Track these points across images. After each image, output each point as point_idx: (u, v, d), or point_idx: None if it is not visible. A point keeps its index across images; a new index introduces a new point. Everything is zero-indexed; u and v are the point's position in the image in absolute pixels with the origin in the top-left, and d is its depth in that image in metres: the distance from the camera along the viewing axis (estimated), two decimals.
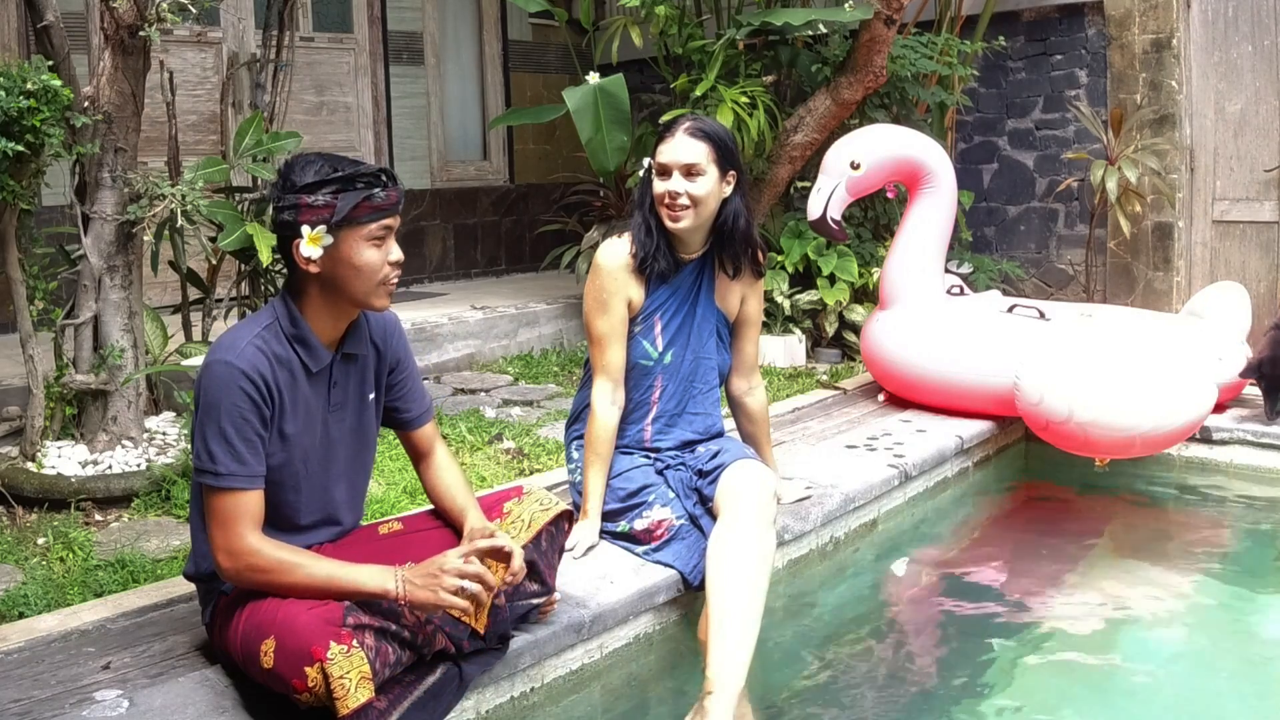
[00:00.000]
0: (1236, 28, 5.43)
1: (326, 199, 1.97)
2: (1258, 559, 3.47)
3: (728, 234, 2.78)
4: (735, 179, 2.74)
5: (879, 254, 5.42)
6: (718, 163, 2.69)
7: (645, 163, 2.78)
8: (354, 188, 1.98)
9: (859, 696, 2.56)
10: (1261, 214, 5.44)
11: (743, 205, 2.78)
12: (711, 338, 2.86)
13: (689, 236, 2.77)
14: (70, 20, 3.77)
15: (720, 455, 2.71)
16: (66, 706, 1.98)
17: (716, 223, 2.77)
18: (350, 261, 2.00)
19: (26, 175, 3.25)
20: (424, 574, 1.93)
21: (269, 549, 1.95)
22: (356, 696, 1.79)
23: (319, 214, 1.97)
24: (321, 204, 1.96)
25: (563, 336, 5.83)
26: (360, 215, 1.98)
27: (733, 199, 2.75)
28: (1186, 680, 2.68)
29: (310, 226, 1.97)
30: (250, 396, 1.96)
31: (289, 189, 1.98)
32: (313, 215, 1.97)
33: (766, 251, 2.95)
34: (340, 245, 1.99)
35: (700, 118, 2.75)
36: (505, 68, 7.58)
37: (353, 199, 1.97)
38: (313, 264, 1.99)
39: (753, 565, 2.43)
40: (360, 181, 1.98)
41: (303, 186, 1.97)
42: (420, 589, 1.92)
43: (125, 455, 3.46)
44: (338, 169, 1.99)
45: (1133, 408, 3.45)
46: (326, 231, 1.97)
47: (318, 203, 1.96)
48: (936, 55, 5.56)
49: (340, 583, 1.92)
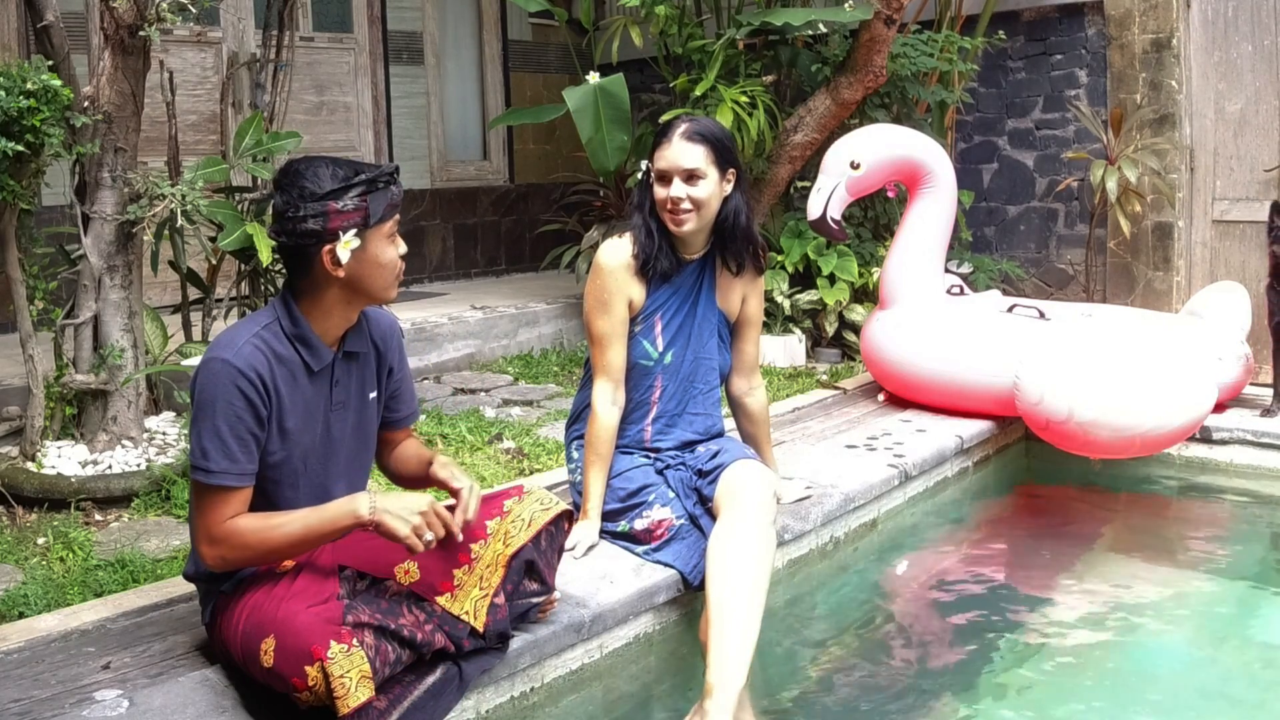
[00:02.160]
0: (1236, 28, 5.42)
1: (357, 202, 1.99)
2: (1258, 559, 3.47)
3: (729, 232, 2.78)
4: (735, 177, 2.74)
5: (879, 254, 5.42)
6: (717, 164, 2.69)
7: (643, 165, 2.78)
8: (379, 188, 2.01)
9: (859, 696, 2.57)
10: (1261, 214, 5.41)
11: (743, 202, 2.78)
12: (712, 338, 2.86)
13: (691, 237, 2.77)
14: (70, 20, 3.77)
15: (720, 455, 2.71)
16: (66, 706, 1.98)
17: (717, 221, 2.77)
18: (376, 260, 2.03)
19: (26, 175, 3.25)
20: (401, 505, 1.97)
21: (241, 521, 1.97)
22: (357, 695, 1.79)
23: (351, 218, 1.98)
24: (353, 208, 1.98)
25: (563, 336, 5.84)
26: (386, 214, 2.03)
27: (733, 196, 2.75)
28: (1187, 680, 2.68)
29: (344, 231, 1.98)
30: (246, 394, 1.96)
31: (310, 197, 1.97)
32: (344, 220, 1.98)
33: (767, 249, 2.95)
34: (367, 246, 2.02)
35: (696, 119, 2.74)
36: (505, 68, 7.58)
37: (382, 199, 2.02)
38: (341, 268, 2.00)
39: (753, 565, 2.43)
40: (381, 181, 2.02)
41: (328, 193, 1.97)
42: (393, 517, 1.95)
43: (125, 455, 3.46)
44: (358, 171, 2.01)
45: (1133, 407, 3.45)
46: (356, 234, 1.99)
47: (348, 207, 1.98)
48: (937, 54, 5.56)
49: (318, 528, 1.95)
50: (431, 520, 1.99)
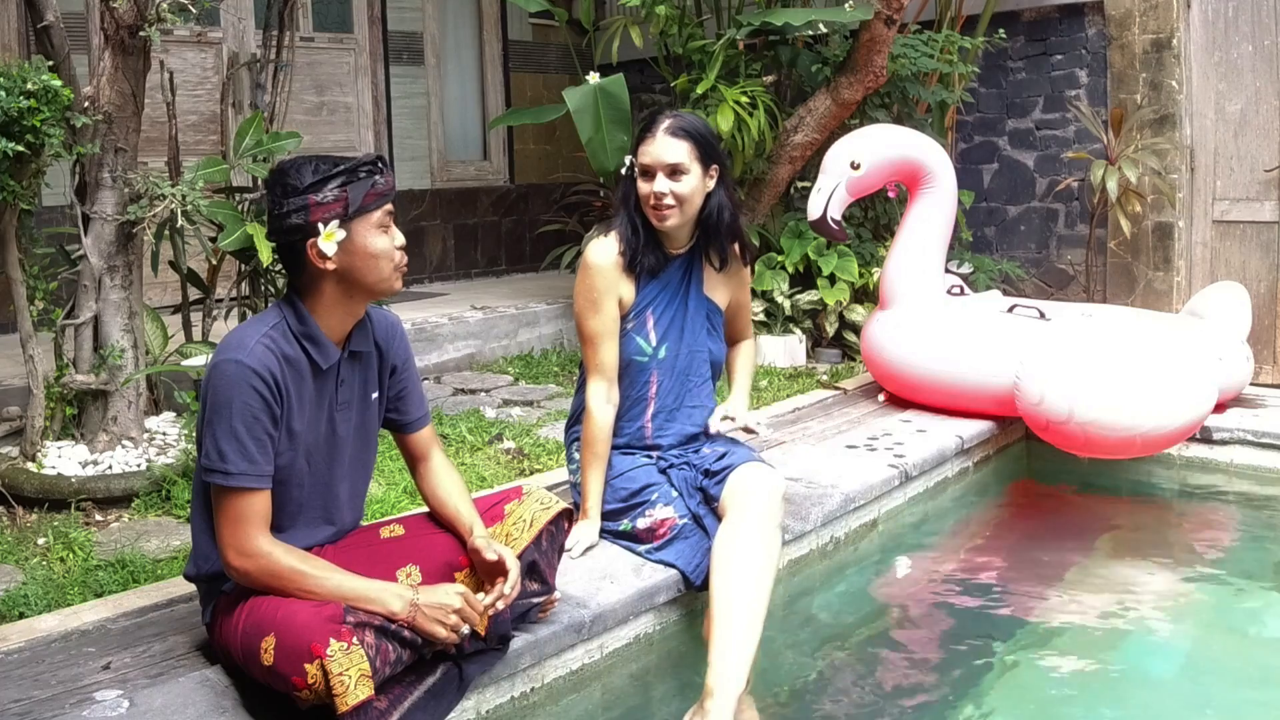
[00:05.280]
0: (1236, 28, 5.43)
1: (336, 193, 1.98)
2: (1258, 559, 3.47)
3: (713, 227, 2.79)
4: (718, 173, 2.75)
5: (879, 254, 5.42)
6: (700, 159, 2.70)
7: (627, 160, 2.78)
8: (358, 178, 2.01)
9: (859, 696, 2.56)
10: (1262, 214, 5.44)
11: (727, 198, 2.79)
12: (703, 329, 2.87)
13: (676, 232, 2.78)
14: (70, 20, 3.77)
15: (728, 456, 2.71)
16: (66, 706, 1.98)
17: (701, 216, 2.78)
18: (366, 250, 2.03)
19: (27, 175, 3.25)
20: (435, 605, 1.95)
21: (279, 554, 1.95)
22: (356, 694, 1.79)
23: (331, 209, 1.98)
24: (332, 199, 1.98)
25: (563, 336, 5.84)
26: (369, 204, 2.02)
27: (716, 192, 2.76)
28: (1186, 680, 2.68)
29: (324, 224, 1.98)
30: (261, 395, 1.96)
31: (291, 192, 1.98)
32: (325, 212, 1.98)
33: (753, 245, 2.95)
34: (354, 237, 2.01)
35: (680, 115, 2.75)
36: (505, 68, 7.58)
37: (362, 188, 2.01)
38: (329, 260, 2.00)
39: (758, 566, 2.43)
40: (362, 171, 2.01)
41: (307, 187, 1.97)
42: (429, 620, 1.95)
43: (125, 455, 3.46)
44: (337, 164, 2.01)
45: (1133, 408, 3.45)
46: (339, 225, 1.99)
47: (327, 199, 1.98)
48: (937, 54, 5.56)
49: (349, 595, 1.93)
50: (468, 615, 1.99)
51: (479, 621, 2.02)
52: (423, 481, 2.32)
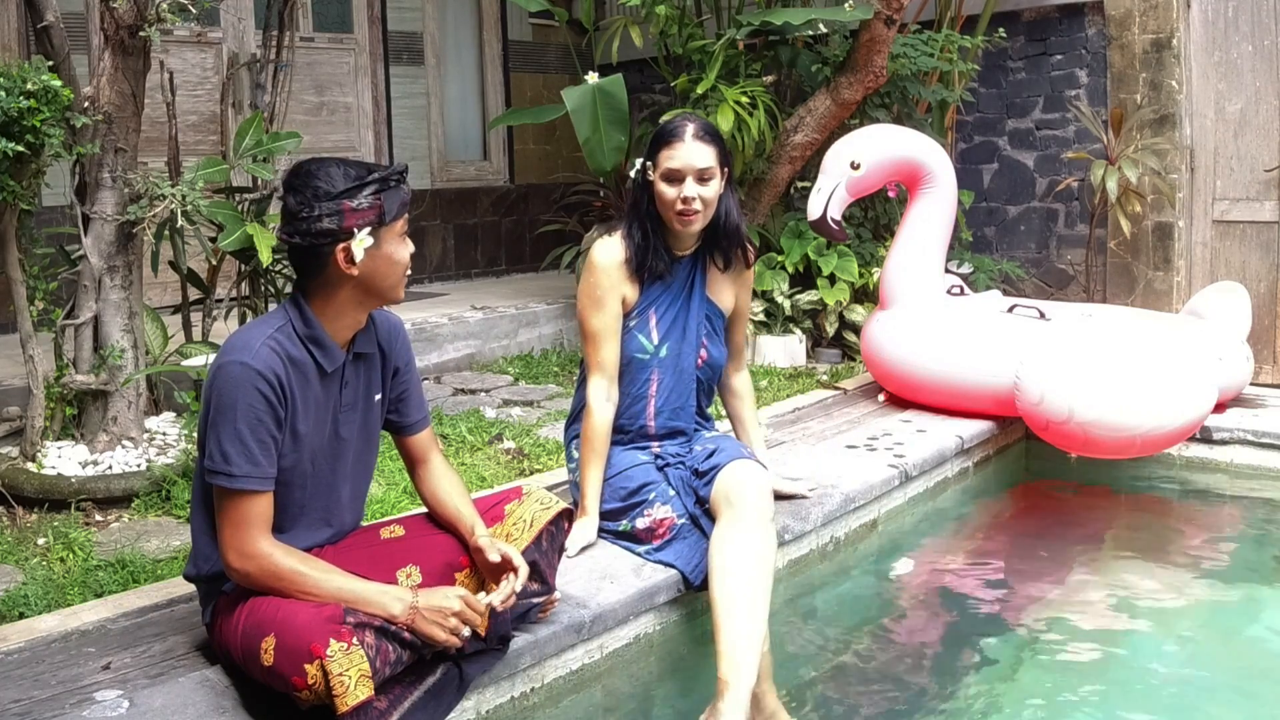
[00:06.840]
0: (1236, 28, 5.42)
1: (371, 200, 2.00)
2: (1258, 559, 3.47)
3: (720, 229, 2.79)
4: (728, 175, 2.76)
5: (879, 254, 5.42)
6: (721, 162, 2.71)
7: (638, 164, 2.77)
8: (390, 186, 2.03)
9: (859, 696, 2.57)
10: (1262, 214, 5.44)
11: (733, 200, 2.79)
12: (705, 332, 2.87)
13: (687, 235, 2.78)
14: (70, 20, 3.77)
15: (716, 455, 2.71)
16: (66, 707, 1.98)
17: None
18: (390, 258, 2.05)
19: (26, 175, 3.25)
20: (434, 608, 1.96)
21: (280, 555, 1.96)
22: (356, 694, 1.79)
23: (365, 216, 2.00)
24: (367, 206, 2.00)
25: (563, 336, 5.84)
26: (399, 213, 2.05)
27: (726, 194, 2.77)
28: (1186, 680, 2.68)
29: (358, 229, 1.99)
30: (266, 397, 1.96)
31: (325, 196, 1.98)
32: (359, 218, 2.00)
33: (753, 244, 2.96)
34: (381, 244, 2.03)
35: (700, 118, 2.75)
36: (505, 68, 7.58)
37: (395, 198, 2.04)
38: (354, 266, 2.01)
39: (755, 564, 2.43)
40: (393, 180, 2.04)
41: (342, 192, 1.98)
42: (428, 623, 1.95)
43: (125, 455, 3.46)
44: (370, 171, 2.03)
45: (1133, 408, 3.45)
46: (369, 233, 2.01)
47: (363, 205, 1.99)
48: (937, 54, 5.56)
49: (349, 598, 1.93)
50: (467, 617, 1.99)
51: (479, 623, 2.02)
52: (422, 484, 2.32)
